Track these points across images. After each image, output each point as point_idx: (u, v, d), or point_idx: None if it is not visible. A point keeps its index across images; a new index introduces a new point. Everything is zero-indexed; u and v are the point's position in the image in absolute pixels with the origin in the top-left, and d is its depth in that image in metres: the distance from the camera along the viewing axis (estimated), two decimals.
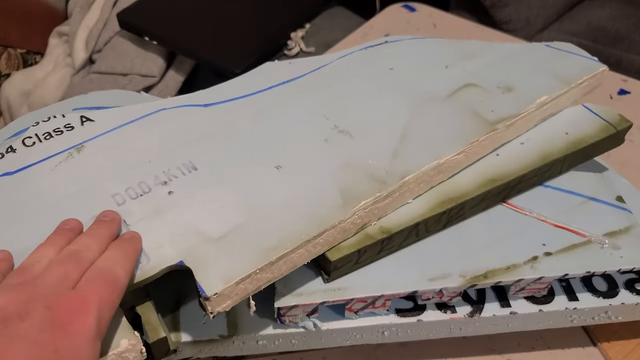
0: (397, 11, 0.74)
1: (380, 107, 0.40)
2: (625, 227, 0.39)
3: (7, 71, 1.00)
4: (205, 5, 0.86)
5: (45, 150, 0.36)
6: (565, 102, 0.42)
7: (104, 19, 0.90)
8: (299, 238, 0.31)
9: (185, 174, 0.35)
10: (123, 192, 0.34)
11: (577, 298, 0.38)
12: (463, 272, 0.35)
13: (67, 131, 0.38)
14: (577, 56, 0.44)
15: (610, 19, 0.89)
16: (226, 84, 0.42)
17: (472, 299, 0.38)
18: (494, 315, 0.37)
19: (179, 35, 0.81)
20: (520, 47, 0.46)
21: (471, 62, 0.44)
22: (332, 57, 0.45)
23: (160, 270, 0.30)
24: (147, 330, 0.30)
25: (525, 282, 0.36)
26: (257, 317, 0.36)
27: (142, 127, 0.38)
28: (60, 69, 0.93)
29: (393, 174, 0.35)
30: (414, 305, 0.37)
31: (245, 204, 0.33)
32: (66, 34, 0.97)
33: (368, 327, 0.36)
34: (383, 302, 0.35)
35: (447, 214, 0.37)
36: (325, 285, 0.35)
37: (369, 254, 0.35)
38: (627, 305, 0.38)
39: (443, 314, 0.37)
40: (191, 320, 0.35)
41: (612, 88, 0.62)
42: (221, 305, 0.30)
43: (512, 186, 0.39)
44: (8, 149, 0.36)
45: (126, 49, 0.86)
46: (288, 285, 0.34)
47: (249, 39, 0.80)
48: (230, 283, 0.29)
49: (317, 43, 0.82)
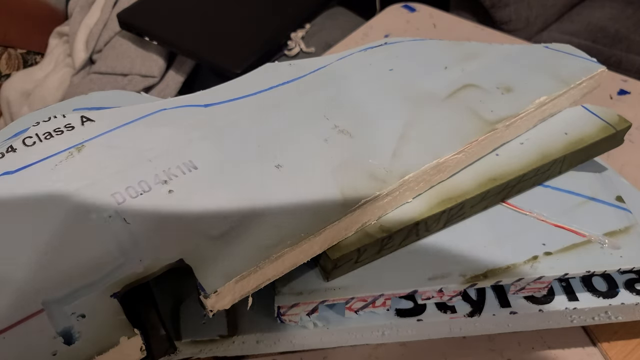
0: (397, 11, 0.74)
1: (380, 108, 0.40)
2: (625, 227, 0.39)
3: (7, 71, 1.00)
4: (205, 5, 0.86)
5: (46, 149, 0.36)
6: (565, 102, 0.42)
7: (104, 19, 0.90)
8: (299, 236, 0.31)
9: (186, 173, 0.35)
10: (123, 191, 0.34)
11: (577, 298, 0.38)
12: (463, 272, 0.36)
13: (67, 131, 0.38)
14: (575, 57, 0.44)
15: (610, 19, 0.89)
16: (227, 84, 0.42)
17: (472, 298, 0.38)
18: (493, 315, 0.37)
19: (179, 36, 0.82)
20: (519, 48, 0.46)
21: (470, 63, 0.44)
22: (332, 58, 0.45)
23: (159, 268, 0.30)
24: (146, 329, 0.30)
25: (525, 281, 0.36)
26: (257, 316, 0.36)
27: (143, 127, 0.38)
28: (60, 69, 0.93)
29: (393, 173, 0.35)
30: (414, 305, 0.37)
31: (245, 203, 0.33)
32: (66, 34, 0.97)
33: (368, 327, 0.36)
34: (383, 302, 0.35)
35: (447, 214, 0.37)
36: (325, 285, 0.35)
37: (369, 253, 0.35)
38: (627, 305, 0.38)
39: (443, 314, 0.37)
40: (191, 320, 0.35)
41: (612, 88, 0.62)
42: (221, 303, 0.30)
43: (511, 186, 0.39)
44: (8, 149, 0.36)
45: (126, 49, 0.86)
46: (288, 285, 0.34)
47: (249, 39, 0.80)
48: (230, 281, 0.29)
49: (317, 43, 0.82)
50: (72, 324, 0.28)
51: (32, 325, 0.28)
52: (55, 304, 0.29)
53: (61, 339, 0.28)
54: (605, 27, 0.88)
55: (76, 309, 0.29)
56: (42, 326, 0.28)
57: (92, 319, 0.28)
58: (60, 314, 0.29)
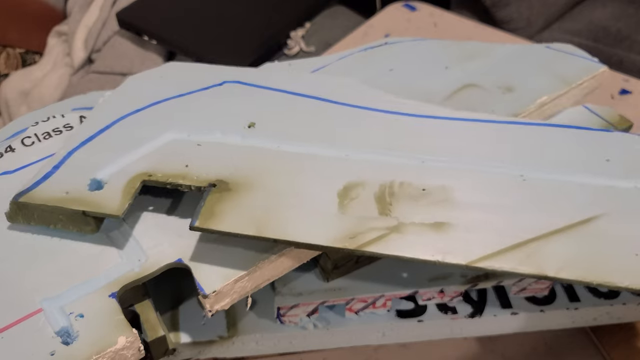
0: (398, 10, 0.74)
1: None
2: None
3: (6, 71, 1.00)
4: (205, 4, 0.86)
5: (45, 149, 0.36)
6: (566, 102, 0.42)
7: (103, 18, 0.90)
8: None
9: None
10: None
11: (579, 299, 0.38)
12: (464, 272, 0.35)
13: (66, 131, 0.38)
14: (577, 57, 0.44)
15: (611, 18, 0.89)
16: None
17: (473, 299, 0.37)
18: (495, 315, 0.37)
19: (178, 35, 0.81)
20: (520, 48, 0.46)
21: (471, 63, 0.44)
22: (332, 59, 0.45)
23: (159, 268, 0.30)
24: (145, 329, 0.30)
25: (527, 282, 0.36)
26: (257, 317, 0.36)
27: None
28: (59, 68, 0.93)
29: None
30: (415, 306, 0.37)
31: None
32: (65, 34, 0.97)
33: (368, 328, 0.36)
34: (384, 302, 0.35)
35: None
36: (326, 285, 0.35)
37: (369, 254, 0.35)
38: (628, 306, 0.38)
39: (444, 315, 0.37)
40: (190, 322, 0.35)
41: (613, 88, 0.62)
42: (220, 304, 0.30)
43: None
44: (7, 149, 0.36)
45: (125, 49, 0.86)
46: (288, 285, 0.34)
47: (248, 38, 0.80)
48: (229, 281, 0.29)
49: (317, 42, 0.82)
50: (70, 323, 0.28)
51: (31, 324, 0.28)
52: (53, 304, 0.29)
53: (59, 339, 0.27)
54: (606, 27, 0.88)
55: (74, 308, 0.29)
56: (40, 326, 0.28)
57: (90, 319, 0.28)
58: (59, 314, 0.28)
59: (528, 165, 0.33)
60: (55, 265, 0.31)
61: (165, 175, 0.32)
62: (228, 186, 0.31)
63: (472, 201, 0.30)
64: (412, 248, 0.28)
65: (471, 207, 0.30)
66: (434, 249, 0.28)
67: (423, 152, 0.33)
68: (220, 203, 0.30)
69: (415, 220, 0.29)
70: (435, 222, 0.29)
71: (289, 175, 0.32)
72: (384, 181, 0.31)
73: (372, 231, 0.28)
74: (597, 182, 0.32)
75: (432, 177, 0.31)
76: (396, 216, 0.29)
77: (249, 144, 0.33)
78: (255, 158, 0.33)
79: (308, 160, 0.32)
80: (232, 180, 0.31)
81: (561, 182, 0.32)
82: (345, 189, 0.31)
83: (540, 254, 0.28)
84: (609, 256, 0.28)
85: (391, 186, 0.31)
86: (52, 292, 0.29)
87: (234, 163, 0.32)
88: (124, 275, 0.30)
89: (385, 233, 0.28)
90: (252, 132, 0.34)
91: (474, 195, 0.31)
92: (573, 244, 0.29)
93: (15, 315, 0.28)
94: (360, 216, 0.29)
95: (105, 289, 0.29)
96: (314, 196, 0.30)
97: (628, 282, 0.27)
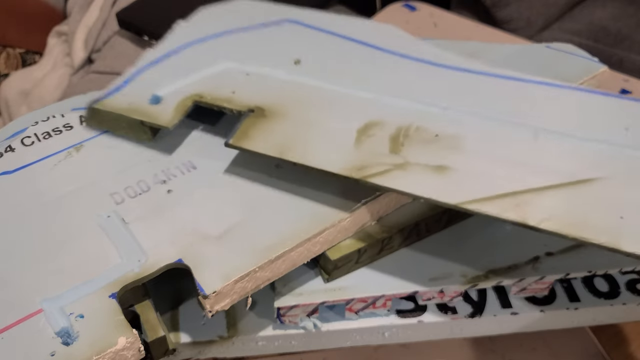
0: (398, 10, 0.74)
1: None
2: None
3: (5, 71, 1.00)
4: (204, 4, 0.86)
5: (44, 149, 0.36)
6: None
7: (103, 18, 0.90)
8: (299, 236, 0.31)
9: (185, 173, 0.35)
10: (122, 191, 0.34)
11: (579, 299, 0.38)
12: (464, 272, 0.35)
13: (66, 131, 0.38)
14: (577, 57, 0.44)
15: (611, 18, 0.89)
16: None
17: (473, 299, 0.37)
18: (495, 315, 0.37)
19: None
20: (520, 48, 0.46)
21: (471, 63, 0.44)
22: None
23: (159, 268, 0.30)
24: (145, 329, 0.30)
25: (527, 282, 0.36)
26: (256, 317, 0.36)
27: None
28: (59, 68, 0.93)
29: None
30: (415, 306, 0.37)
31: (245, 202, 0.33)
32: (65, 34, 0.97)
33: (368, 328, 0.36)
34: (384, 302, 0.35)
35: (448, 213, 0.37)
36: (326, 285, 0.35)
37: (369, 254, 0.35)
38: (628, 306, 0.38)
39: (444, 315, 0.37)
40: (190, 322, 0.35)
41: (613, 88, 0.62)
42: (220, 304, 0.30)
43: None
44: (7, 149, 0.36)
45: (125, 49, 0.86)
46: (288, 285, 0.34)
47: None
48: (229, 281, 0.29)
49: None
50: (70, 324, 0.28)
51: (31, 325, 0.28)
52: (54, 304, 0.29)
53: (59, 339, 0.27)
54: (606, 27, 0.88)
55: (75, 309, 0.29)
56: (40, 326, 0.28)
57: (90, 320, 0.28)
58: (59, 314, 0.28)
59: (545, 124, 0.34)
60: (55, 265, 0.31)
61: (214, 98, 0.36)
62: (264, 113, 0.34)
63: (480, 150, 0.32)
64: (409, 184, 0.30)
65: (477, 155, 0.32)
66: (429, 188, 0.30)
67: (448, 102, 0.35)
68: (254, 127, 0.34)
69: (420, 161, 0.31)
70: (438, 165, 0.31)
71: (319, 110, 0.35)
72: (402, 124, 0.33)
73: (378, 165, 0.31)
74: (609, 148, 0.32)
75: (448, 125, 0.34)
76: (404, 155, 0.31)
77: (291, 79, 0.37)
78: (293, 92, 0.36)
79: (339, 98, 0.36)
80: (268, 108, 0.35)
81: (572, 143, 0.33)
82: (366, 126, 0.33)
83: (528, 205, 0.29)
84: (595, 215, 0.29)
85: (407, 129, 0.33)
86: (52, 293, 0.29)
87: (273, 94, 0.36)
88: (124, 276, 0.30)
89: (389, 168, 0.31)
90: (296, 69, 0.38)
91: (483, 145, 0.32)
92: (564, 199, 0.29)
93: (15, 316, 0.29)
94: (372, 151, 0.32)
95: (105, 290, 0.30)
96: (336, 130, 0.33)
97: (604, 240, 0.27)
